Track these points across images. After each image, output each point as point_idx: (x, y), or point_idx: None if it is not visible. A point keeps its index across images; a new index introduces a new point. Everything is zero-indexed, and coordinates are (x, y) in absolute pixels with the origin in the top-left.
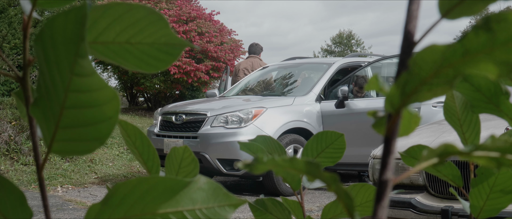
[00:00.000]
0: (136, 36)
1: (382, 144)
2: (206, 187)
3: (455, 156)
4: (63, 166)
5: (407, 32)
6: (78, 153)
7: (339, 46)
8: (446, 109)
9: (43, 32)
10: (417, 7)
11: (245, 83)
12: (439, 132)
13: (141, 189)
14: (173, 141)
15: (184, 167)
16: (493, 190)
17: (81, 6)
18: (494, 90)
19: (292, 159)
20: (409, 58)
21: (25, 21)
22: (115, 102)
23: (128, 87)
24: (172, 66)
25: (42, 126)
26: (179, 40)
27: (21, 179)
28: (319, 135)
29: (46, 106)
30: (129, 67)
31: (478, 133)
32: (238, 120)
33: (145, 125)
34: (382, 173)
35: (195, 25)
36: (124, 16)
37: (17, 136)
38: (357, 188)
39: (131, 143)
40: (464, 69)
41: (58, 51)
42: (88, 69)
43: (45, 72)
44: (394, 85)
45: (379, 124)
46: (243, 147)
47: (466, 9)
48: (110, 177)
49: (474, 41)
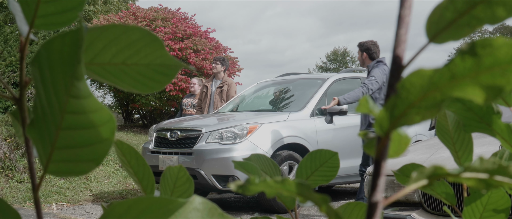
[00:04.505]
0: (132, 57)
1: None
2: (202, 207)
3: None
4: (58, 184)
5: (396, 56)
6: (74, 174)
7: (334, 63)
8: (439, 128)
9: (40, 54)
10: (405, 31)
11: (240, 99)
12: (434, 149)
13: (136, 209)
14: (168, 157)
15: (179, 186)
16: (486, 209)
17: (78, 29)
18: (486, 110)
19: (283, 180)
20: (397, 82)
21: (22, 43)
22: (111, 124)
23: (124, 104)
24: None
25: (38, 147)
26: (175, 61)
27: (16, 197)
28: (313, 154)
29: (42, 127)
30: (125, 88)
31: (471, 151)
32: (233, 136)
33: (140, 142)
34: (372, 195)
35: (190, 43)
36: (120, 37)
37: (12, 153)
38: (351, 207)
39: (126, 163)
40: (451, 93)
41: (54, 73)
42: (84, 91)
43: (42, 93)
44: (383, 109)
45: (370, 145)
46: (238, 166)
47: (453, 34)
48: (105, 195)
49: (460, 66)
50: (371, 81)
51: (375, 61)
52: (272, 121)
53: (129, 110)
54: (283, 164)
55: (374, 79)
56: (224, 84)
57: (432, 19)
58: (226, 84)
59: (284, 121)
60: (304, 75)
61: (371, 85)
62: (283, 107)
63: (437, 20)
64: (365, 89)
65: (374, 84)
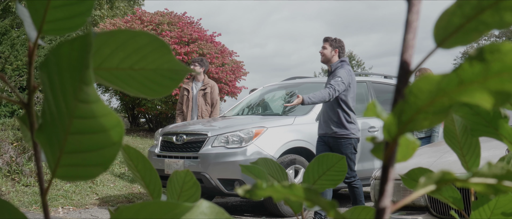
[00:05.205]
0: (140, 62)
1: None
2: (209, 211)
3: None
4: (64, 187)
5: (403, 61)
6: (82, 178)
7: None
8: (446, 132)
9: (48, 59)
10: (413, 36)
11: (246, 102)
12: (441, 153)
13: (144, 213)
14: (173, 161)
15: (186, 190)
16: (494, 213)
17: (86, 35)
18: (493, 114)
19: (291, 185)
20: (405, 87)
21: (30, 48)
22: (119, 128)
23: (130, 108)
24: None
25: (47, 151)
26: (182, 66)
27: (22, 200)
28: (320, 158)
29: (51, 131)
30: (132, 93)
31: (478, 155)
32: (239, 140)
33: (146, 146)
34: (380, 200)
35: (196, 47)
36: (127, 43)
37: (18, 157)
38: (358, 211)
39: (134, 167)
40: (460, 98)
41: (63, 78)
42: (92, 96)
43: (50, 98)
44: (391, 114)
45: (377, 149)
46: (245, 170)
47: (461, 39)
48: (111, 198)
49: (468, 71)
50: (337, 82)
51: (339, 60)
52: (278, 125)
53: (135, 114)
54: (289, 168)
55: (340, 80)
56: (206, 86)
57: (440, 24)
58: (209, 87)
59: (290, 125)
60: (310, 79)
61: (337, 86)
62: (289, 111)
63: (445, 25)
64: (332, 90)
65: (340, 86)
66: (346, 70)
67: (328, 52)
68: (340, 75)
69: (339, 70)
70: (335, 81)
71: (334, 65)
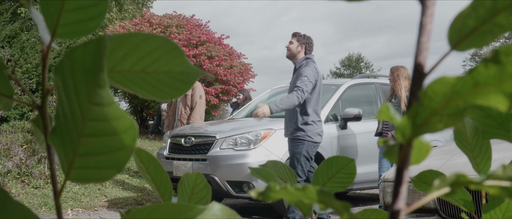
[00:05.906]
0: (152, 65)
1: (394, 170)
2: (221, 213)
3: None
4: (74, 189)
5: (417, 64)
6: (95, 180)
7: (348, 69)
8: (457, 135)
9: (62, 62)
10: (427, 39)
11: (254, 105)
12: (450, 155)
13: (155, 215)
14: (182, 163)
15: (197, 193)
16: (505, 216)
17: (101, 38)
18: (505, 116)
19: (304, 187)
20: (419, 90)
21: (44, 51)
22: (133, 131)
23: (138, 110)
24: None
25: (60, 153)
26: (194, 69)
27: (32, 202)
28: (330, 160)
29: (64, 134)
30: (145, 95)
31: (489, 158)
32: (247, 142)
33: (155, 148)
34: (394, 203)
35: (204, 49)
36: (140, 45)
37: (28, 159)
38: (368, 214)
39: (144, 169)
40: (474, 101)
41: (77, 81)
42: (106, 99)
43: (64, 101)
44: (405, 116)
45: (391, 152)
46: (254, 172)
47: (475, 41)
48: (120, 201)
49: (483, 74)
50: (304, 83)
51: (304, 57)
52: None
53: (143, 116)
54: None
55: (307, 79)
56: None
57: (454, 27)
58: (191, 88)
59: None
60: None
61: (305, 87)
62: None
63: (459, 27)
64: (300, 93)
65: (308, 85)
66: (311, 68)
67: (294, 47)
68: (306, 74)
69: (305, 68)
70: (302, 81)
71: (298, 62)
